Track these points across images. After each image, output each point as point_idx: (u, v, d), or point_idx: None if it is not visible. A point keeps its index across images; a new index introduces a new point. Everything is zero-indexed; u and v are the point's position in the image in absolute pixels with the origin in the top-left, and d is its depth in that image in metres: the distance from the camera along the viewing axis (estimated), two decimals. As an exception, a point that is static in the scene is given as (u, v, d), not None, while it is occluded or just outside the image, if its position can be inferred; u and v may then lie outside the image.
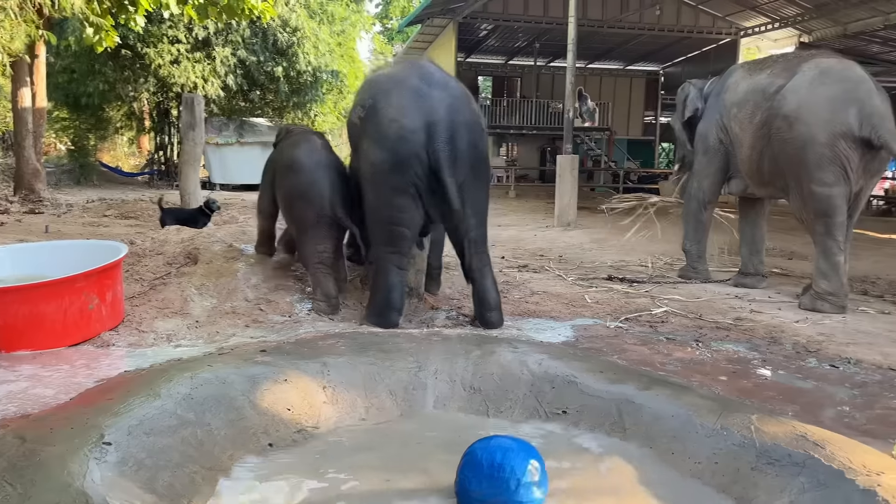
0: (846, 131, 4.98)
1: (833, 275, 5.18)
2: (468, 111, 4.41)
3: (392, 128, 4.27)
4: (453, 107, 4.31)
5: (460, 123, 4.27)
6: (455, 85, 4.56)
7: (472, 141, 4.31)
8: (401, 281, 4.40)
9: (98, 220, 9.56)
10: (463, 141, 4.26)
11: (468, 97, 4.57)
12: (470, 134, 4.31)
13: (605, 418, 3.00)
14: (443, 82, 4.48)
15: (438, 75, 4.53)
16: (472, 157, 4.32)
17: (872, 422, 3.02)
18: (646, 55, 23.17)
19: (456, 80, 4.72)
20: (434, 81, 4.45)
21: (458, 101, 4.38)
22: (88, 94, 15.32)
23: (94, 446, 2.26)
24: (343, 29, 19.04)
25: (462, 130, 4.27)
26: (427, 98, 4.31)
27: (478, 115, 4.54)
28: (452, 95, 4.40)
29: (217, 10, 7.58)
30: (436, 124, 4.18)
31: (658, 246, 7.97)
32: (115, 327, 4.02)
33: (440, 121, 4.20)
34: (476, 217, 4.41)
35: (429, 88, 4.39)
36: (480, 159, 4.42)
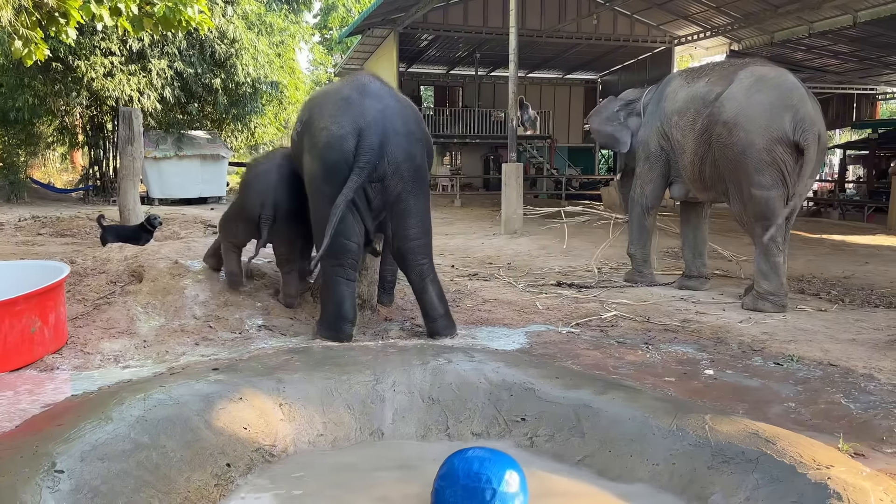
0: (782, 136, 5.18)
1: (773, 275, 5.36)
2: (404, 121, 4.37)
3: (322, 136, 4.29)
4: (384, 114, 4.28)
5: (393, 131, 4.24)
6: (392, 95, 4.51)
7: (408, 150, 4.28)
8: (350, 292, 4.35)
9: (32, 239, 9.21)
10: (397, 149, 4.22)
11: (408, 108, 4.54)
12: (406, 143, 4.28)
13: (563, 423, 3.03)
14: (377, 92, 4.45)
15: (374, 86, 4.51)
16: (409, 167, 4.29)
17: (817, 416, 3.13)
18: (584, 64, 23.63)
19: (397, 92, 4.68)
20: (367, 91, 4.45)
21: (391, 110, 4.34)
22: (17, 108, 14.74)
23: (45, 475, 2.18)
24: (282, 40, 18.82)
25: (395, 138, 4.23)
26: (357, 105, 4.31)
27: (417, 125, 4.49)
28: (385, 104, 4.36)
29: (152, 21, 7.41)
30: (364, 129, 4.16)
31: (603, 251, 8.11)
32: (58, 350, 3.89)
33: (368, 125, 4.18)
34: (415, 227, 4.39)
35: (360, 97, 4.40)
36: (417, 169, 4.37)
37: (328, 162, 4.23)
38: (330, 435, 3.14)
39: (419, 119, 4.62)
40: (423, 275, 4.46)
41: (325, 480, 2.79)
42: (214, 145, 17.15)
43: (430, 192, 4.63)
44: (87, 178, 17.94)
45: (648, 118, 6.36)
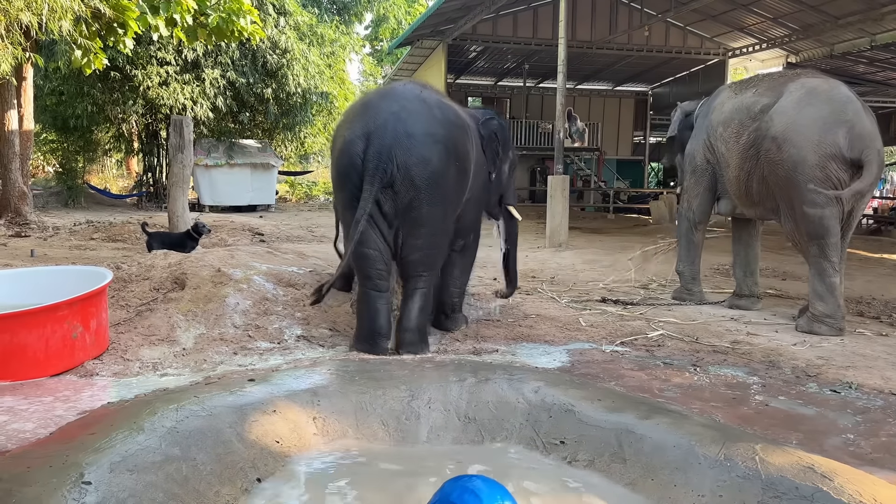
0: (836, 153, 4.96)
1: (829, 296, 5.13)
2: (423, 122, 4.15)
3: (337, 142, 4.28)
4: (398, 116, 4.10)
5: (405, 134, 4.05)
6: (417, 97, 4.31)
7: (421, 154, 4.06)
8: (383, 305, 4.22)
9: (85, 244, 9.44)
10: (406, 153, 4.02)
11: (435, 109, 4.28)
12: (419, 146, 4.07)
13: (604, 448, 2.91)
14: (400, 94, 4.33)
15: (400, 88, 4.43)
16: (421, 172, 4.07)
17: (878, 450, 2.94)
18: (634, 76, 23.31)
19: (431, 93, 4.48)
20: (389, 93, 4.37)
21: (408, 111, 4.14)
22: (77, 116, 15.24)
23: (72, 486, 2.15)
24: (333, 51, 19.09)
25: (407, 141, 4.04)
26: (372, 109, 4.21)
27: (443, 127, 4.23)
28: (403, 105, 4.18)
29: (206, 31, 7.55)
30: (372, 133, 4.04)
31: (651, 267, 7.92)
32: (99, 356, 3.92)
33: (377, 129, 4.05)
34: (424, 238, 4.20)
35: (379, 100, 4.31)
36: (434, 174, 4.11)
37: (339, 168, 4.20)
38: (363, 451, 3.07)
39: (450, 121, 4.33)
40: (416, 285, 4.30)
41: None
42: (265, 154, 17.42)
43: (456, 199, 4.37)
44: (141, 184, 18.40)
45: (697, 130, 6.20)
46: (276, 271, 5.46)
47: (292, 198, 23.31)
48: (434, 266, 4.38)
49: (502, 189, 5.21)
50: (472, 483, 1.77)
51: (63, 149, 17.98)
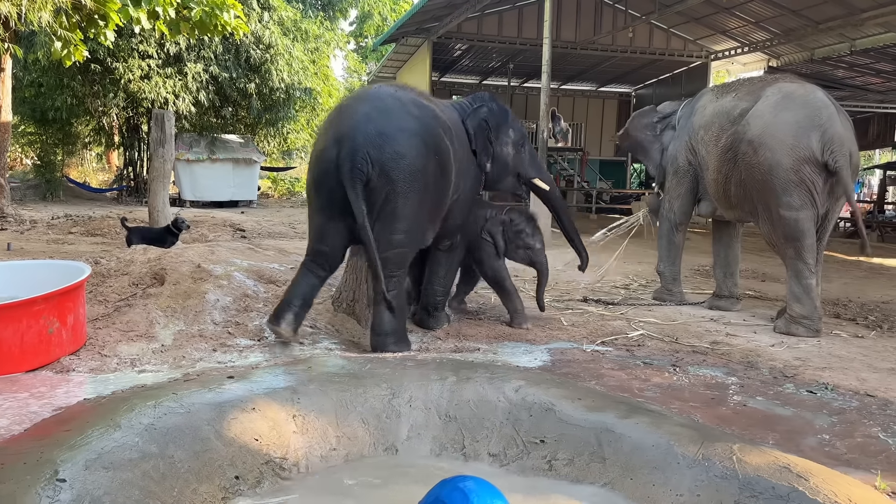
0: (809, 156, 5.02)
1: (806, 298, 5.18)
2: (396, 118, 4.14)
3: (315, 148, 4.33)
4: (369, 116, 4.10)
5: (376, 132, 4.04)
6: (391, 95, 4.32)
7: (394, 150, 4.04)
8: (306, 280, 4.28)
9: (63, 238, 9.32)
10: (378, 150, 4.00)
11: (410, 105, 4.27)
12: (391, 142, 4.05)
13: (584, 448, 2.92)
14: (373, 94, 4.34)
15: (374, 90, 4.44)
16: (396, 167, 4.04)
17: (853, 451, 2.98)
18: (618, 77, 23.42)
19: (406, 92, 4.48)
20: (362, 96, 4.39)
21: (379, 110, 4.14)
22: (56, 108, 15.04)
23: (47, 484, 2.12)
24: (317, 47, 18.96)
25: (378, 139, 4.02)
26: (344, 113, 4.24)
27: (417, 122, 4.21)
28: (375, 105, 4.18)
29: (189, 25, 7.49)
30: (342, 137, 4.05)
31: (632, 267, 7.96)
32: (76, 351, 3.87)
33: (347, 132, 4.06)
34: (396, 233, 4.15)
35: (352, 103, 4.33)
36: (409, 168, 4.09)
37: (314, 174, 4.23)
38: (343, 449, 3.06)
39: (427, 117, 4.30)
40: (388, 287, 4.20)
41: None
42: (247, 149, 17.30)
43: (437, 194, 4.33)
44: (122, 178, 18.22)
45: (679, 132, 6.24)
46: (257, 268, 5.43)
47: (274, 194, 23.17)
48: (404, 265, 4.33)
49: (515, 168, 5.15)
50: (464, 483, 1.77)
51: (42, 141, 17.75)
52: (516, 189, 5.38)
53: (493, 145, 4.95)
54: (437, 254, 4.87)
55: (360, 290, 4.70)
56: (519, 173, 5.19)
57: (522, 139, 5.19)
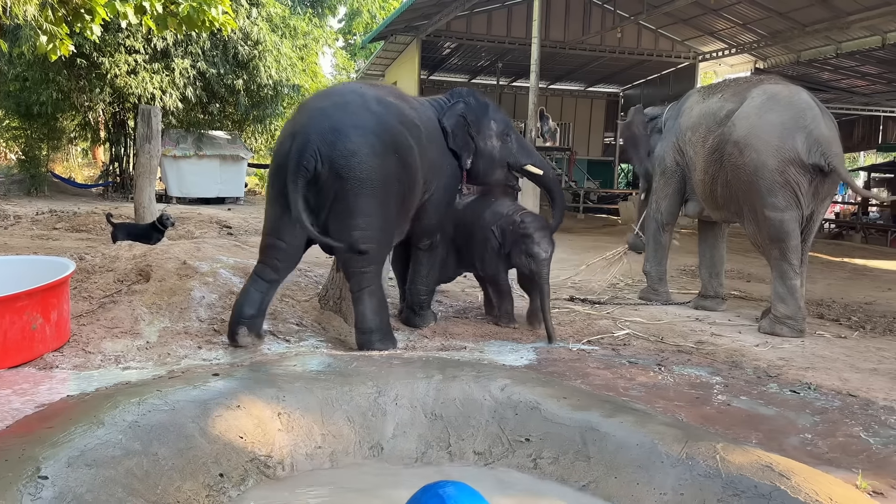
0: (794, 157, 5.06)
1: (790, 299, 5.22)
2: (353, 114, 4.10)
3: (276, 143, 4.35)
4: (325, 111, 4.09)
5: (329, 129, 4.00)
6: (354, 91, 4.30)
7: (346, 147, 3.99)
8: (255, 290, 4.13)
9: (47, 233, 9.24)
10: (330, 147, 3.97)
11: (370, 101, 4.21)
12: (344, 139, 4.00)
13: (569, 446, 2.93)
14: (334, 91, 4.36)
15: (339, 87, 4.51)
16: (348, 164, 3.99)
17: (835, 450, 3.01)
18: (606, 77, 23.49)
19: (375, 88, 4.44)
20: (326, 92, 4.41)
21: (336, 106, 4.13)
22: (41, 102, 14.89)
23: (28, 481, 2.11)
24: (305, 44, 18.87)
25: (330, 135, 3.98)
26: (303, 108, 4.27)
27: (377, 121, 4.15)
28: (333, 101, 4.18)
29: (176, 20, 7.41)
30: (296, 132, 4.06)
31: (618, 267, 7.98)
32: (59, 348, 3.84)
33: (301, 126, 4.07)
34: (360, 230, 4.09)
35: (314, 99, 4.36)
36: (361, 166, 4.01)
37: (271, 168, 4.25)
38: (328, 447, 3.05)
39: (389, 115, 4.25)
40: (361, 284, 4.17)
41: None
42: (234, 146, 17.21)
43: (400, 192, 4.25)
44: (108, 174, 18.07)
45: (666, 133, 6.28)
46: (243, 265, 5.41)
47: (261, 191, 23.06)
48: (374, 260, 4.23)
49: (504, 158, 5.10)
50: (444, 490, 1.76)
51: (26, 136, 17.57)
52: (509, 180, 5.34)
53: (476, 140, 4.92)
54: (417, 253, 4.87)
55: (346, 287, 4.69)
56: (509, 163, 5.16)
57: (507, 128, 5.13)
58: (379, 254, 4.28)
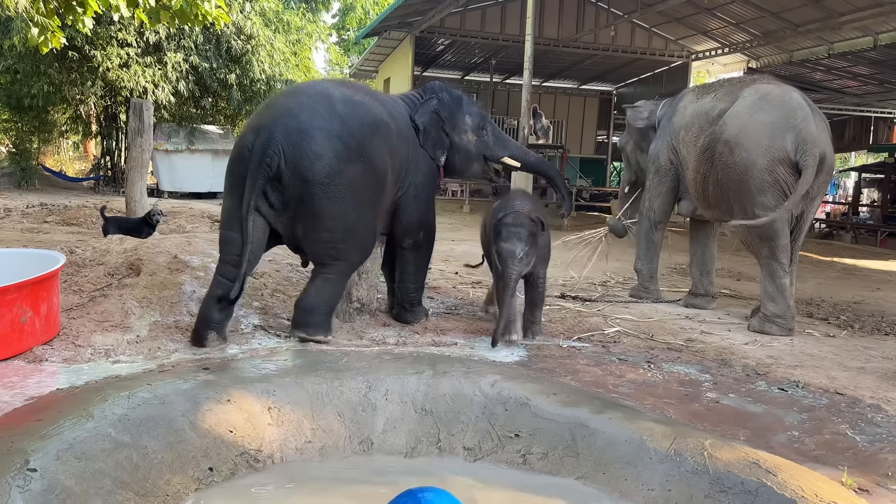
0: (783, 157, 5.08)
1: (780, 297, 5.25)
2: (322, 115, 4.04)
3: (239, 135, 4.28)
4: (292, 110, 4.04)
5: (296, 129, 3.95)
6: (325, 90, 4.23)
7: (311, 149, 3.94)
8: (218, 293, 3.99)
9: (38, 227, 9.18)
10: (294, 148, 3.92)
11: (339, 103, 4.15)
12: (310, 140, 3.95)
13: (558, 442, 2.95)
14: (306, 88, 4.30)
15: (312, 85, 4.43)
16: (311, 167, 3.93)
17: (821, 447, 3.03)
18: (599, 75, 23.54)
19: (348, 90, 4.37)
20: (297, 89, 4.35)
21: (305, 106, 4.07)
22: (32, 95, 14.79)
23: (17, 473, 2.11)
24: (299, 38, 18.80)
25: (296, 136, 3.94)
26: (271, 104, 4.22)
27: (340, 122, 4.08)
28: (302, 100, 4.12)
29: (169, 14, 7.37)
30: (260, 128, 4.00)
31: (610, 264, 8.01)
32: (49, 341, 3.83)
33: (266, 123, 4.01)
34: (325, 231, 4.05)
35: (282, 97, 4.32)
36: (326, 168, 3.96)
37: (230, 159, 4.15)
38: (318, 442, 3.06)
39: (355, 117, 4.18)
40: (322, 270, 4.16)
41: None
42: (227, 140, 17.15)
43: (369, 195, 4.19)
44: (99, 167, 17.98)
45: (661, 132, 6.29)
46: (234, 260, 5.38)
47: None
48: (346, 258, 4.19)
49: (480, 152, 5.09)
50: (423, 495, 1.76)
51: (17, 129, 17.46)
52: (487, 173, 5.33)
53: (451, 136, 4.90)
54: (403, 253, 4.83)
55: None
56: (486, 156, 5.16)
57: (482, 121, 5.10)
58: (348, 252, 4.19)
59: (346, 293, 4.65)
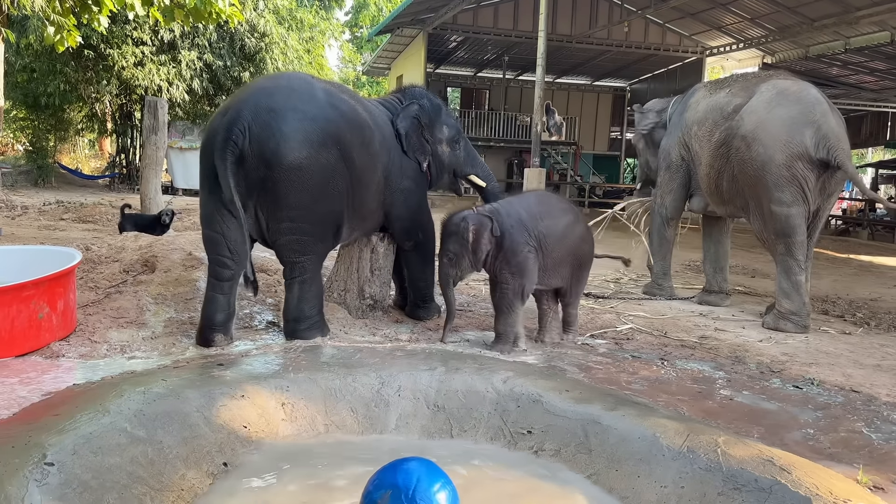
0: (802, 152, 5.04)
1: (795, 294, 5.22)
2: (296, 98, 3.89)
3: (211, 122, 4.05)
4: (267, 91, 3.87)
5: (267, 109, 3.77)
6: (302, 79, 4.12)
7: (281, 131, 3.75)
8: (220, 293, 3.91)
9: (54, 224, 9.28)
10: (263, 128, 3.73)
11: (317, 90, 4.03)
12: (281, 122, 3.76)
13: (570, 439, 2.94)
14: (285, 76, 4.18)
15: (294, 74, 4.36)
16: (277, 150, 3.74)
17: (836, 445, 3.01)
18: (613, 71, 23.45)
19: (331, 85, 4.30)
20: (275, 76, 4.22)
21: (281, 88, 3.88)
22: (49, 94, 14.95)
23: (34, 467, 2.13)
24: (312, 36, 18.87)
25: (266, 116, 3.75)
26: (247, 86, 4.04)
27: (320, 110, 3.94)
28: (279, 83, 3.96)
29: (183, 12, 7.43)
30: (230, 108, 3.84)
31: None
32: (66, 337, 3.86)
33: (236, 104, 3.84)
34: (284, 221, 3.90)
35: (261, 80, 4.20)
36: (293, 153, 3.77)
37: (201, 146, 4.01)
38: (331, 438, 3.07)
39: (335, 107, 4.04)
40: (293, 273, 4.01)
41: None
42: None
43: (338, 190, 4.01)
44: (114, 165, 18.13)
45: (672, 128, 6.26)
46: (248, 256, 5.41)
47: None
48: (309, 252, 4.04)
49: (451, 166, 5.01)
50: (408, 465, 1.76)
51: (34, 127, 17.65)
52: (454, 187, 5.24)
53: (429, 143, 4.80)
54: (406, 255, 4.83)
55: (350, 279, 4.71)
56: (455, 170, 5.06)
57: (457, 135, 4.99)
58: (314, 245, 4.06)
59: (357, 290, 4.67)
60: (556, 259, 4.29)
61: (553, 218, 4.33)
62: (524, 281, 4.17)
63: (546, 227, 4.25)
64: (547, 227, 4.25)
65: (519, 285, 4.17)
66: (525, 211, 4.27)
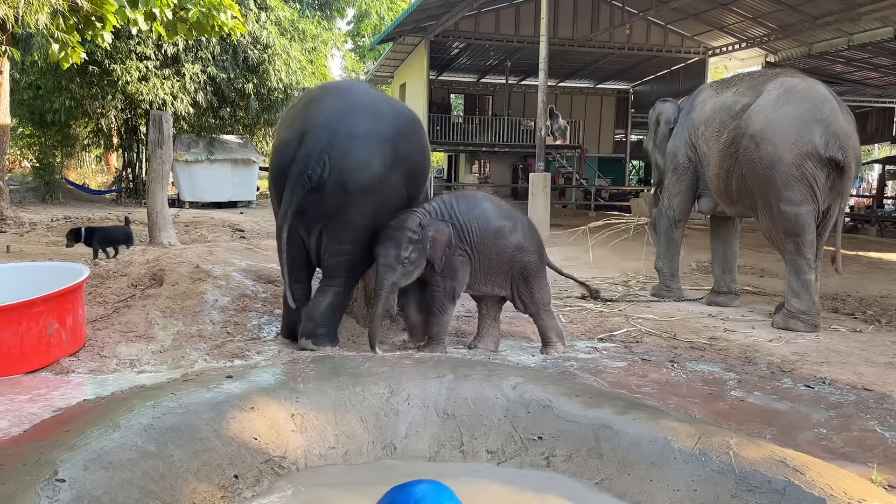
0: (812, 151, 5.02)
1: (805, 293, 5.19)
2: (369, 119, 3.92)
3: (277, 138, 4.15)
4: (342, 114, 3.88)
5: (345, 133, 3.81)
6: (365, 92, 4.16)
7: (359, 157, 3.82)
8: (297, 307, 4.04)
9: (62, 240, 9.29)
10: (344, 155, 3.79)
11: (384, 105, 4.09)
12: (359, 147, 3.83)
13: (581, 444, 2.93)
14: (347, 89, 4.17)
15: (347, 84, 4.33)
16: (357, 176, 3.82)
17: (850, 444, 2.99)
18: (616, 74, 23.43)
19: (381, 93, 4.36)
20: (335, 89, 4.24)
21: (352, 109, 3.92)
22: (54, 110, 15.05)
23: (46, 484, 2.13)
24: (314, 46, 18.95)
25: (346, 142, 3.80)
26: (315, 106, 4.01)
27: (390, 126, 4.00)
28: (349, 102, 3.97)
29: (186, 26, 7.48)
30: (306, 134, 3.84)
31: (631, 263, 7.97)
32: (75, 352, 3.88)
33: (314, 128, 3.84)
34: (347, 243, 3.96)
35: (324, 95, 4.16)
36: (371, 179, 3.87)
37: (272, 170, 4.08)
38: (342, 448, 3.07)
39: (401, 114, 4.15)
40: (332, 284, 4.11)
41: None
42: (246, 150, 17.30)
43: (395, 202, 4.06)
44: (121, 179, 18.22)
45: (678, 129, 6.25)
46: (255, 268, 5.44)
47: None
48: (358, 269, 4.18)
49: None
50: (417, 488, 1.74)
51: (40, 143, 17.76)
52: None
53: None
54: None
55: (358, 289, 4.70)
56: None
57: None
58: (363, 265, 4.16)
59: (364, 299, 4.68)
60: (486, 265, 4.21)
61: (486, 222, 4.21)
62: (455, 283, 4.15)
63: (477, 231, 4.16)
64: (478, 233, 4.16)
65: (450, 286, 4.16)
66: (459, 213, 4.18)
